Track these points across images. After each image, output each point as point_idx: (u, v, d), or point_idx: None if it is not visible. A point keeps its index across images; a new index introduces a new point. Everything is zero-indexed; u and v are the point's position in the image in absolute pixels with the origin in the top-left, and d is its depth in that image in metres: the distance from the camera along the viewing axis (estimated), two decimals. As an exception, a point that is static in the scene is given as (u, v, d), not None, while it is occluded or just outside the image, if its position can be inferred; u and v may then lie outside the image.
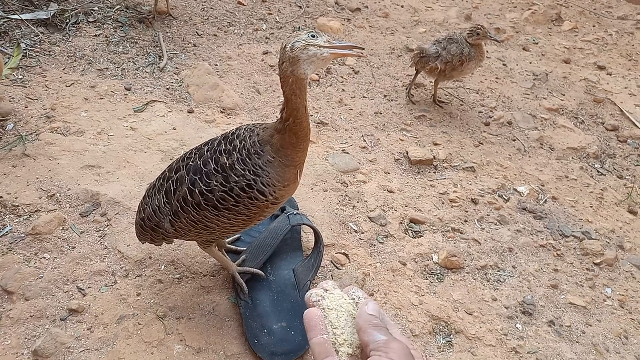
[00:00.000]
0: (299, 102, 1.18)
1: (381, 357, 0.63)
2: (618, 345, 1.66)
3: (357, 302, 0.74)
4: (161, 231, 1.42)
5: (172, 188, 1.36)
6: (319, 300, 0.74)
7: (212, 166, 1.28)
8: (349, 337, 0.71)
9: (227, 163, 1.26)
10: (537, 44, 3.34)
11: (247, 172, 1.25)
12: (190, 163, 1.34)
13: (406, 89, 2.67)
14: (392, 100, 2.67)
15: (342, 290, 0.77)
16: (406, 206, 2.05)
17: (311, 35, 1.14)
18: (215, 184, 1.27)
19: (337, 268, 1.75)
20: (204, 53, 2.69)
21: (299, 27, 3.04)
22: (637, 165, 2.50)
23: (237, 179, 1.25)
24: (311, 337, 0.71)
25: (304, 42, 1.14)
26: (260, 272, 1.60)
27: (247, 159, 1.26)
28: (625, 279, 1.89)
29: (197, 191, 1.29)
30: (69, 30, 2.62)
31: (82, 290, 1.55)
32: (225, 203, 1.28)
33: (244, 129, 1.33)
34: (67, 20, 2.66)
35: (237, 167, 1.26)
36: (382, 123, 2.51)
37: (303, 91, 1.18)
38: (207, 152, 1.33)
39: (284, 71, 1.16)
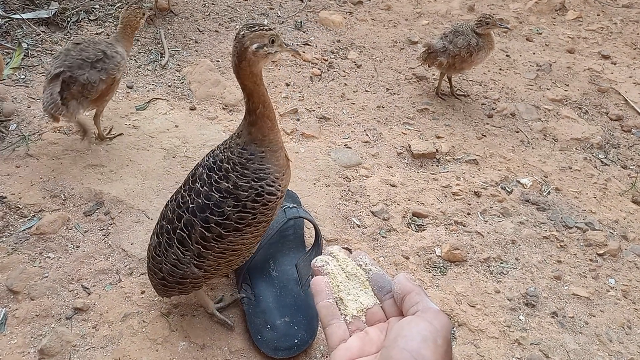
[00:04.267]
0: (261, 88, 1.27)
1: (426, 322, 0.61)
2: (621, 336, 1.66)
3: (363, 267, 0.74)
4: (189, 281, 1.38)
5: (183, 235, 1.33)
6: (323, 265, 0.73)
7: (217, 195, 1.29)
8: (354, 298, 0.70)
9: (230, 185, 1.29)
10: (540, 34, 3.30)
11: (252, 182, 1.29)
12: (191, 205, 1.31)
13: (435, 92, 2.65)
14: (394, 93, 2.66)
15: (349, 257, 0.77)
16: (409, 200, 2.05)
17: (271, 41, 1.24)
18: (228, 208, 1.28)
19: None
20: (206, 49, 2.69)
21: (301, 21, 3.03)
22: (643, 155, 2.48)
23: (246, 193, 1.29)
24: (317, 301, 0.71)
25: (264, 50, 1.23)
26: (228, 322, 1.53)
27: (245, 170, 1.29)
28: (629, 269, 1.88)
29: (213, 225, 1.30)
30: (71, 29, 2.63)
31: (87, 289, 1.57)
32: (244, 221, 1.31)
33: (219, 151, 1.35)
34: (69, 19, 2.66)
35: (240, 183, 1.29)
36: (385, 117, 2.50)
37: (261, 79, 1.27)
38: (202, 187, 1.31)
39: (244, 69, 1.24)
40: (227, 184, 1.29)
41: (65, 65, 1.78)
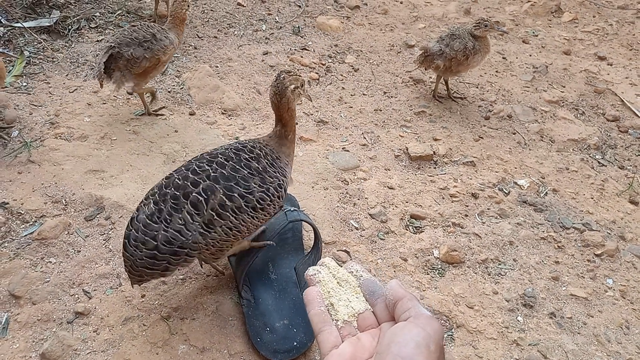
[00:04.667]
0: (294, 121, 1.55)
1: (418, 327, 0.61)
2: (620, 336, 1.66)
3: (354, 274, 0.75)
4: (185, 252, 1.35)
5: (200, 199, 1.34)
6: (315, 274, 0.75)
7: (246, 171, 1.41)
8: (346, 304, 0.71)
9: (260, 167, 1.44)
10: (536, 36, 3.32)
11: (278, 174, 1.47)
12: (212, 174, 1.37)
13: (432, 95, 2.67)
14: (392, 97, 2.68)
15: (341, 266, 0.78)
16: (407, 202, 2.06)
17: (308, 83, 1.54)
18: (254, 185, 1.41)
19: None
20: (205, 55, 2.72)
21: (299, 26, 3.06)
22: (639, 155, 2.49)
23: (271, 180, 1.45)
24: (309, 310, 0.71)
25: (300, 90, 1.52)
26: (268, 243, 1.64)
27: (274, 162, 1.49)
28: (627, 270, 1.89)
29: (236, 194, 1.37)
30: (72, 37, 2.66)
31: (88, 293, 1.58)
32: (263, 203, 1.42)
33: (245, 142, 1.51)
34: (70, 27, 2.69)
35: (269, 170, 1.46)
36: (382, 120, 2.52)
37: (295, 113, 1.55)
38: (227, 162, 1.41)
39: (283, 105, 1.49)
40: (257, 165, 1.44)
41: (116, 41, 2.08)
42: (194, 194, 1.35)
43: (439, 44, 2.51)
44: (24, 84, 2.34)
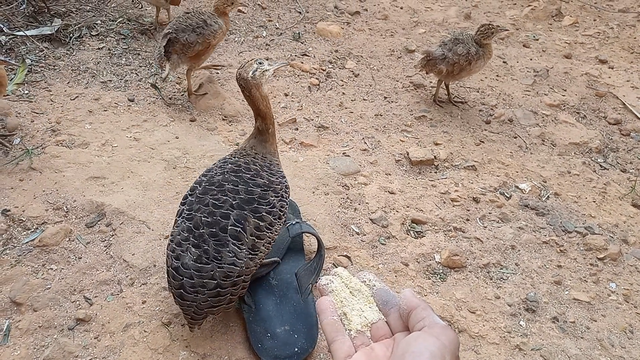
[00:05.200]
0: (271, 112, 1.57)
1: (433, 337, 0.61)
2: (623, 340, 1.65)
3: (367, 283, 0.74)
4: (242, 279, 1.40)
5: (238, 229, 1.39)
6: (327, 284, 0.75)
7: (259, 190, 1.47)
8: (359, 313, 0.71)
9: (265, 181, 1.50)
10: (537, 40, 3.33)
11: (280, 178, 1.54)
12: (234, 202, 1.42)
13: (433, 100, 2.67)
14: (392, 102, 2.68)
15: (353, 275, 0.78)
16: (408, 207, 2.06)
17: (259, 63, 1.52)
18: (272, 198, 1.48)
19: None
20: (206, 62, 2.73)
21: (299, 32, 3.07)
22: (641, 158, 2.48)
23: (279, 187, 1.53)
24: (322, 319, 0.71)
25: (259, 70, 1.52)
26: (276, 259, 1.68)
27: (271, 171, 1.54)
28: (630, 273, 1.88)
29: (264, 213, 1.44)
30: (73, 45, 2.68)
31: (89, 299, 1.58)
32: (284, 209, 1.52)
33: (236, 158, 1.55)
34: (71, 35, 2.72)
35: (272, 179, 1.52)
36: (383, 125, 2.52)
37: (269, 101, 1.56)
38: (236, 186, 1.45)
39: (254, 95, 1.52)
40: (262, 180, 1.49)
41: (173, 28, 2.31)
42: (230, 227, 1.39)
43: (442, 48, 2.50)
44: (26, 91, 2.36)
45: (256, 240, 1.41)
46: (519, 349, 1.59)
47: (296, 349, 1.49)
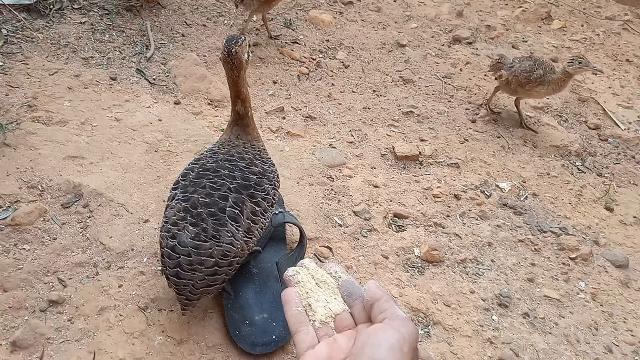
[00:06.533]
0: (247, 90, 1.55)
1: (393, 329, 0.62)
2: (588, 336, 1.72)
3: (333, 275, 0.75)
4: (236, 260, 1.41)
5: (235, 212, 1.40)
6: (294, 275, 0.74)
7: (255, 177, 1.50)
8: (324, 305, 0.71)
9: (259, 169, 1.53)
10: (526, 42, 3.36)
11: (271, 166, 1.58)
12: (232, 186, 1.44)
13: (485, 103, 2.67)
14: (381, 95, 2.68)
15: (320, 267, 0.78)
16: (390, 201, 2.07)
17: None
18: (266, 185, 1.51)
19: (321, 261, 1.77)
20: (193, 43, 2.67)
21: (290, 19, 3.03)
22: (616, 163, 2.55)
23: (272, 175, 1.56)
24: (287, 311, 0.71)
25: (235, 44, 1.48)
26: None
27: (262, 159, 1.57)
28: (599, 273, 1.94)
29: (260, 199, 1.47)
30: (53, 17, 2.57)
31: (63, 281, 1.55)
32: (275, 197, 1.54)
33: (227, 149, 1.55)
34: (51, 6, 2.61)
35: (265, 167, 1.55)
36: (370, 118, 2.52)
37: (246, 79, 1.55)
38: (233, 172, 1.47)
39: (242, 77, 1.50)
40: (257, 169, 1.52)
41: None
42: (228, 209, 1.40)
43: (516, 58, 2.55)
44: (1, 63, 2.26)
45: (251, 224, 1.44)
46: (490, 342, 1.64)
47: (274, 337, 1.50)
